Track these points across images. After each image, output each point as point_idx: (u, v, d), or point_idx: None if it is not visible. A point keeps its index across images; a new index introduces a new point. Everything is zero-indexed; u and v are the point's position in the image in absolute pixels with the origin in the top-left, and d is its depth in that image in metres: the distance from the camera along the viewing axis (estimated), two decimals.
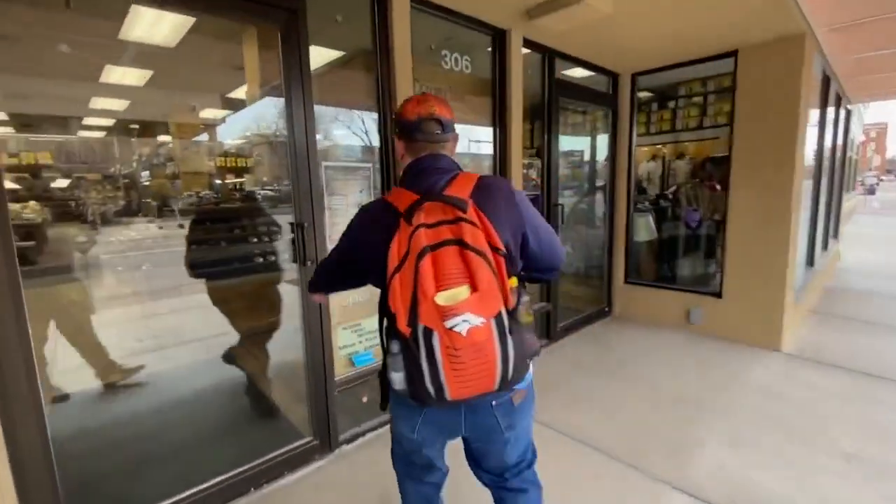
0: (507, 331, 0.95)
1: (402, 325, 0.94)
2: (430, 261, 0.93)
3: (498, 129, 3.20)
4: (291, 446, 2.25)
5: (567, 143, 4.20)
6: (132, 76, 5.41)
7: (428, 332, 0.92)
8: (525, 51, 3.24)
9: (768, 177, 3.53)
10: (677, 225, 4.73)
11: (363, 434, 2.51)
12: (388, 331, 1.05)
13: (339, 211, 2.35)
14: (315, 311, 2.26)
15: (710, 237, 4.50)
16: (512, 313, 0.97)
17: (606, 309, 4.61)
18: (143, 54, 4.33)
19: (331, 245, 2.28)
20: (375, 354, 2.58)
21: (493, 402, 1.13)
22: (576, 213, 4.55)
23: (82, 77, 5.54)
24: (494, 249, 0.97)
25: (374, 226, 1.10)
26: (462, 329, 0.90)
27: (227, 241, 3.58)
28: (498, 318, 0.94)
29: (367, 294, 2.52)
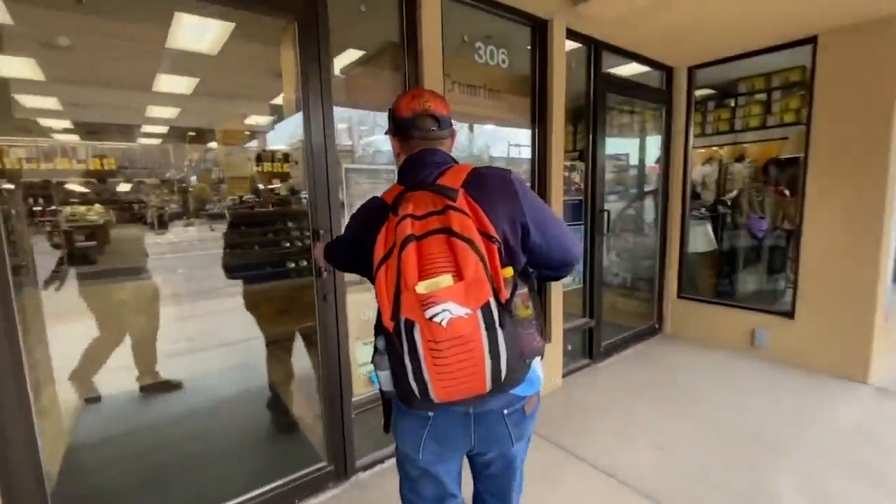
0: (496, 323, 0.87)
1: (386, 319, 0.89)
2: (414, 250, 0.88)
3: (537, 129, 2.94)
4: (304, 472, 2.08)
5: (612, 145, 3.88)
6: (181, 84, 5.58)
7: (409, 325, 0.87)
8: (569, 44, 2.96)
9: (854, 181, 3.05)
10: (738, 234, 4.27)
11: (382, 461, 2.30)
12: (376, 328, 0.99)
13: None
14: (331, 324, 2.09)
15: (779, 248, 4.02)
16: (505, 305, 0.89)
17: (656, 326, 4.20)
18: (188, 62, 4.42)
19: None
20: None
21: (505, 411, 1.05)
22: (623, 219, 4.20)
23: (136, 86, 5.76)
24: (487, 237, 0.90)
25: (367, 222, 1.07)
26: (443, 319, 0.84)
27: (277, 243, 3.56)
28: (486, 308, 0.86)
29: None
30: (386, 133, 1.20)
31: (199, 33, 3.49)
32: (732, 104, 4.03)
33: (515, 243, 1.01)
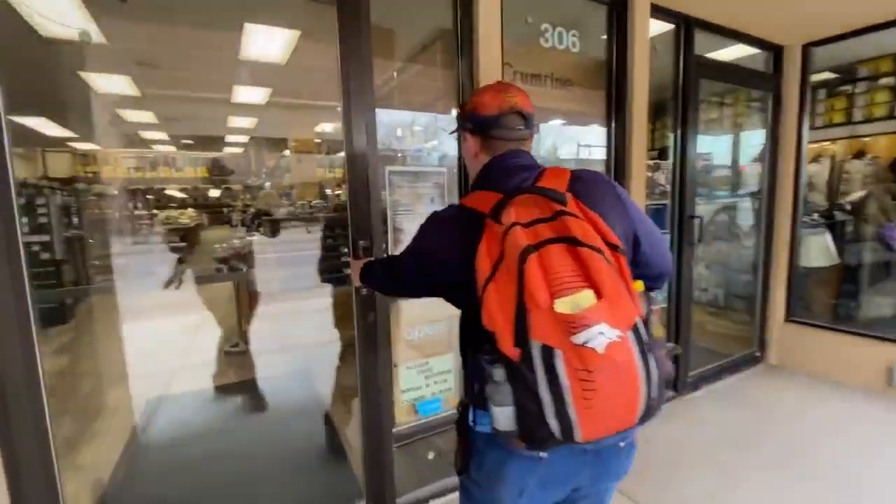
0: (647, 346, 0.77)
1: (507, 346, 0.76)
2: (537, 262, 0.75)
3: (615, 124, 2.53)
4: None
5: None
6: (256, 95, 5.81)
7: (547, 351, 0.74)
8: (654, 24, 2.53)
9: None
10: (865, 246, 3.51)
11: (426, 501, 2.04)
12: (489, 356, 0.83)
13: (404, 223, 1.93)
14: (371, 343, 1.86)
15: None
16: (646, 324, 0.79)
17: (757, 354, 3.55)
18: (260, 73, 4.56)
19: None
20: (446, 402, 2.10)
21: (621, 444, 0.94)
22: (713, 226, 3.63)
23: (218, 98, 6.10)
24: (612, 246, 0.80)
25: (450, 233, 0.95)
26: (599, 344, 0.71)
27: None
28: (636, 330, 0.76)
29: (438, 327, 2.07)
30: (453, 132, 1.14)
31: (267, 43, 3.54)
32: (849, 91, 3.43)
33: (629, 254, 0.92)
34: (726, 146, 3.82)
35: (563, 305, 0.73)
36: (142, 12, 2.94)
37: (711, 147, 3.82)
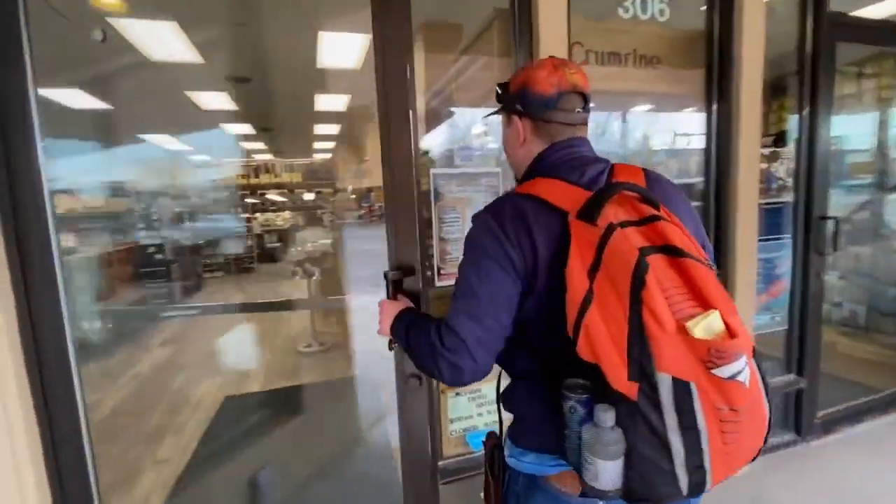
0: (763, 373, 0.67)
1: (620, 380, 0.63)
2: (654, 274, 0.62)
3: (717, 106, 2.08)
4: None
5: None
6: (336, 102, 6.03)
7: (681, 387, 0.60)
8: None
9: None
10: None
11: None
12: (585, 394, 0.70)
13: (452, 233, 1.71)
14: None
15: None
16: None
17: None
18: (339, 80, 4.68)
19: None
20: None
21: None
22: (850, 224, 2.97)
23: (305, 108, 6.42)
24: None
25: (521, 233, 0.77)
26: (746, 378, 0.60)
27: None
28: (757, 357, 0.66)
29: None
30: (489, 115, 1.00)
31: (342, 50, 3.58)
32: None
33: None
34: (868, 128, 3.08)
35: (699, 330, 0.60)
36: (231, 28, 3.09)
37: (845, 129, 3.12)
